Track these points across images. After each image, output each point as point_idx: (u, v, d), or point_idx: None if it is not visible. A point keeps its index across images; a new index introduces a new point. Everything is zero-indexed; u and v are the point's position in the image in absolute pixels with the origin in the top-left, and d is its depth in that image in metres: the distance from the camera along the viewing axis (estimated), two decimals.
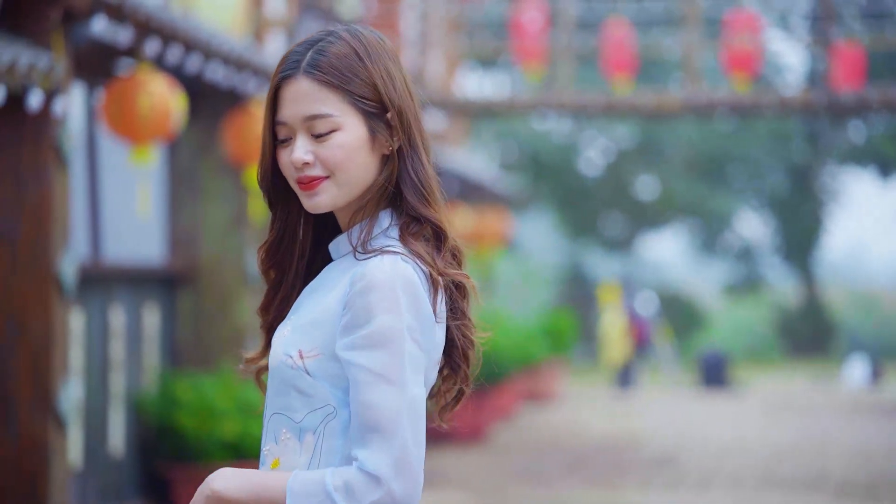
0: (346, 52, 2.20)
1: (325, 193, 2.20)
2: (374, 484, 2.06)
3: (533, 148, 28.51)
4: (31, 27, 6.26)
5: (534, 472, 11.37)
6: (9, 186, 6.28)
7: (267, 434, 2.21)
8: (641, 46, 12.99)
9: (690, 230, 30.29)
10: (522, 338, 15.35)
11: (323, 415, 2.16)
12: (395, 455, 2.07)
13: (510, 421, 14.98)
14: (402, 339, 2.11)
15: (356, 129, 2.19)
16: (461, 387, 2.30)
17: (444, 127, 15.94)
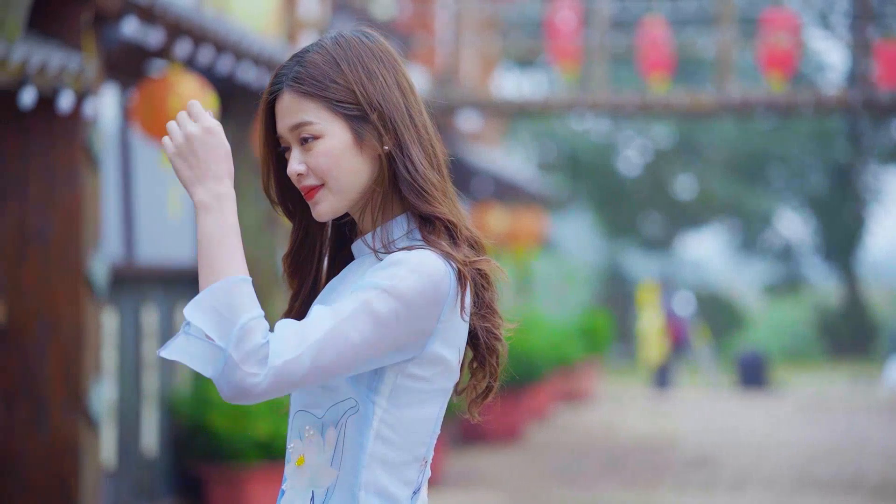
0: (324, 59, 2.23)
1: (324, 201, 2.23)
2: (259, 362, 2.02)
3: (571, 148, 28.45)
4: (61, 29, 6.30)
5: (569, 472, 11.34)
6: (40, 187, 6.32)
7: (292, 432, 2.23)
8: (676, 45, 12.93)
9: (730, 230, 30.15)
10: (558, 337, 15.32)
11: (345, 408, 2.17)
12: (290, 366, 2.04)
13: (545, 421, 14.95)
14: (390, 301, 2.11)
15: (340, 134, 2.21)
16: (489, 381, 2.31)
17: (478, 127, 15.93)
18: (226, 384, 2.04)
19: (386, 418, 2.18)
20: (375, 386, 2.18)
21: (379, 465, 2.19)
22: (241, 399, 2.04)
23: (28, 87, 5.83)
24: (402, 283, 2.12)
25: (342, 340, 2.09)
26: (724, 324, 28.19)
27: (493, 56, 16.94)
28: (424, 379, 2.20)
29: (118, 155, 8.08)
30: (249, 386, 2.02)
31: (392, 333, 2.13)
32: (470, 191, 15.67)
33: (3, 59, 5.65)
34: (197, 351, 2.06)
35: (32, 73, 5.84)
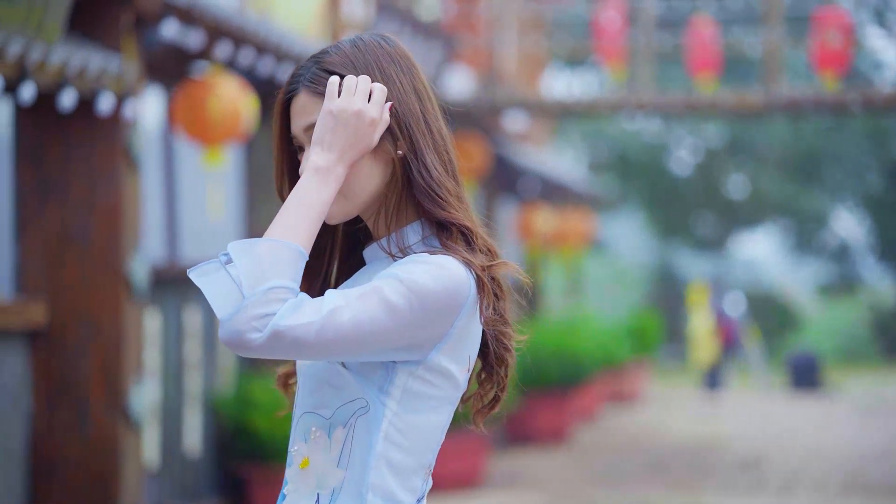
0: (342, 61, 2.21)
1: (335, 205, 2.20)
2: (266, 324, 2.03)
3: (622, 147, 28.34)
4: (101, 31, 6.34)
5: (614, 473, 11.29)
6: (81, 189, 6.36)
7: (296, 435, 2.21)
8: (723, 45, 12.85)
9: (783, 230, 29.92)
10: (606, 338, 15.27)
11: (354, 408, 2.16)
12: (313, 325, 2.04)
13: (593, 422, 14.90)
14: (406, 292, 2.09)
15: None
16: (497, 392, 2.29)
17: (525, 127, 15.89)
18: (229, 330, 2.03)
19: (395, 421, 2.17)
20: (386, 388, 2.16)
21: (386, 468, 2.17)
22: (236, 348, 2.04)
23: (68, 89, 5.87)
24: (421, 278, 2.10)
25: (352, 321, 2.06)
26: (777, 325, 27.97)
27: (541, 56, 16.89)
28: (435, 386, 2.18)
29: (161, 156, 8.12)
30: (248, 340, 2.02)
31: (403, 325, 2.10)
32: (517, 191, 15.64)
33: (42, 62, 5.68)
34: (221, 287, 2.05)
35: (72, 76, 5.87)
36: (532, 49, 15.05)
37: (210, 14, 6.70)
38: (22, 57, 5.55)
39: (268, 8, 8.90)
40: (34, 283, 6.40)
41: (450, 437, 9.72)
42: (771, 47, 11.31)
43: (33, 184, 6.40)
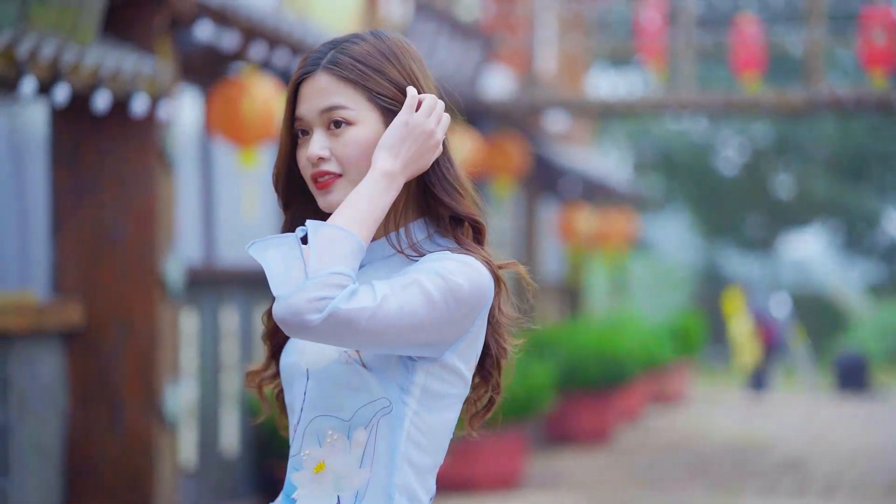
0: (368, 51, 2.21)
1: (339, 191, 2.18)
2: (325, 308, 2.02)
3: (667, 147, 28.22)
4: (136, 33, 6.37)
5: (655, 475, 11.23)
6: (115, 190, 6.40)
7: (305, 439, 2.18)
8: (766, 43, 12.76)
9: (832, 229, 29.68)
10: (648, 339, 15.20)
11: (376, 409, 2.15)
12: (367, 311, 2.04)
13: (635, 423, 14.83)
14: (444, 286, 2.09)
15: (373, 125, 2.18)
16: (492, 395, 2.29)
17: (566, 127, 15.85)
18: (288, 307, 2.02)
19: (416, 420, 2.16)
20: (407, 387, 2.16)
21: (409, 468, 2.17)
22: (291, 327, 2.02)
23: (102, 90, 5.90)
24: (456, 276, 2.10)
25: (398, 311, 2.06)
26: (826, 325, 27.75)
27: (583, 56, 16.85)
28: (449, 384, 2.19)
29: (197, 157, 8.15)
30: (306, 320, 2.01)
31: (437, 320, 2.10)
32: (558, 191, 15.60)
33: (76, 64, 5.72)
34: (282, 264, 2.05)
35: (106, 77, 5.91)
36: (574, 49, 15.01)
37: (244, 15, 6.72)
38: (55, 59, 5.59)
39: (306, 8, 8.92)
40: (70, 283, 6.45)
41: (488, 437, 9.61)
42: (813, 46, 11.22)
43: (69, 184, 6.45)
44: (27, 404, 6.07)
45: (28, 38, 5.48)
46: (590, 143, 19.50)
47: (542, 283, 15.14)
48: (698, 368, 21.31)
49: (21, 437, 6.01)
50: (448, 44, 9.88)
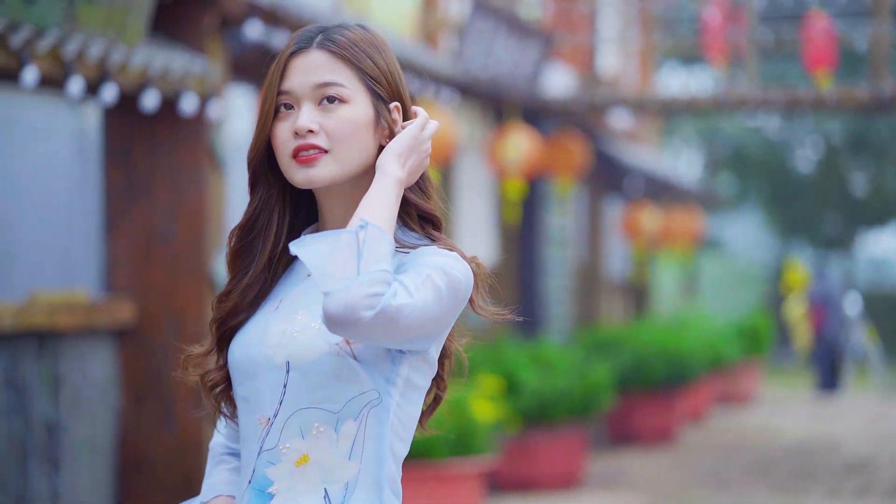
0: (361, 38, 2.23)
1: (325, 167, 2.18)
2: (375, 304, 2.03)
3: (740, 145, 27.95)
4: (186, 33, 6.41)
5: (718, 475, 11.13)
6: (166, 189, 6.44)
7: (286, 432, 2.16)
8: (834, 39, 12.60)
9: None
10: (715, 338, 15.07)
11: (365, 401, 2.14)
12: (408, 307, 2.05)
13: (700, 423, 14.71)
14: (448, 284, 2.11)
15: (364, 107, 2.20)
16: (437, 392, 2.30)
17: (629, 125, 15.75)
18: (342, 303, 2.01)
19: (398, 412, 2.17)
20: (392, 379, 2.16)
21: (392, 459, 2.18)
22: (344, 322, 2.02)
23: (150, 90, 5.94)
24: (454, 270, 2.13)
25: (423, 306, 2.08)
26: None
27: (650, 53, 16.74)
28: (424, 375, 2.21)
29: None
30: (360, 316, 2.01)
31: (442, 314, 2.12)
32: (622, 189, 15.51)
33: (124, 64, 5.76)
34: (330, 261, 2.05)
35: (155, 77, 5.95)
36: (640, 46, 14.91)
37: (294, 14, 6.73)
38: (103, 59, 5.64)
39: (364, 8, 8.94)
40: (122, 282, 6.50)
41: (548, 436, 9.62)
42: (878, 41, 11.06)
43: (121, 184, 6.50)
44: (79, 402, 6.13)
45: (75, 39, 5.52)
46: (656, 141, 19.37)
47: (607, 281, 15.06)
48: (767, 368, 21.09)
49: (73, 434, 6.07)
50: (506, 42, 9.85)
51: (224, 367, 2.29)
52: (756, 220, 30.82)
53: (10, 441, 5.64)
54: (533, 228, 11.74)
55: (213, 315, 2.30)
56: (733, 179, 27.90)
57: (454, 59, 9.40)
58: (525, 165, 10.11)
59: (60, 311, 5.93)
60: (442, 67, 8.91)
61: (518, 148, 10.03)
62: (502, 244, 11.49)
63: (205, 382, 2.32)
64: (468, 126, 10.41)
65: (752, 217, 30.80)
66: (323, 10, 7.58)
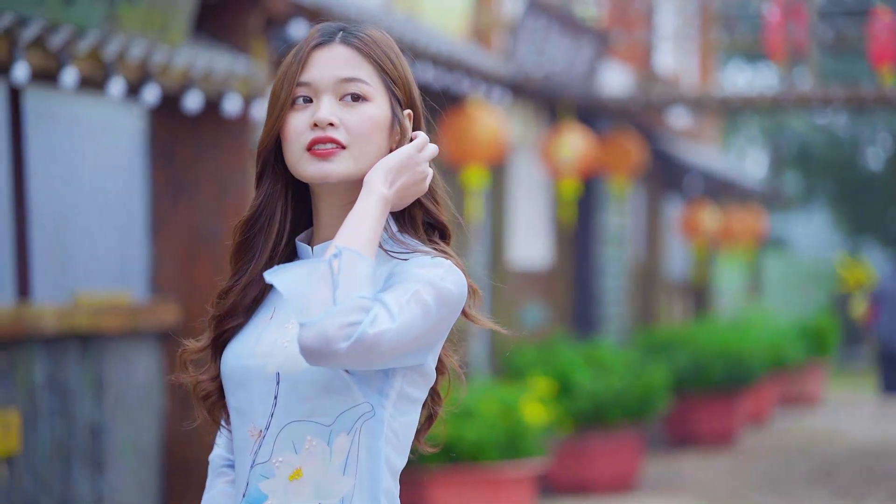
0: (384, 41, 2.21)
1: (341, 162, 2.13)
2: (351, 334, 1.97)
3: (807, 143, 27.62)
4: (230, 33, 6.38)
5: (778, 480, 10.96)
6: (211, 189, 6.41)
7: (278, 445, 2.11)
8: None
9: None
10: (778, 339, 14.87)
11: (358, 414, 2.10)
12: (390, 332, 1.99)
13: (761, 425, 14.52)
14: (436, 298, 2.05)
15: (383, 107, 2.17)
16: (432, 408, 2.26)
17: (689, 124, 15.58)
18: (317, 335, 1.96)
19: (392, 424, 2.12)
20: (386, 391, 2.11)
21: (388, 472, 2.13)
22: (320, 354, 1.97)
23: (193, 91, 5.91)
24: (445, 283, 2.07)
25: (408, 326, 2.03)
26: None
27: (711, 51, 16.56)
28: (418, 386, 2.16)
29: None
30: (336, 348, 1.96)
31: (433, 327, 2.07)
32: (682, 189, 15.35)
33: (166, 65, 5.74)
34: (306, 290, 1.99)
35: (197, 78, 5.92)
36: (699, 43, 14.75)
37: (340, 14, 6.68)
38: (144, 60, 5.61)
39: (415, 6, 8.87)
40: (167, 283, 6.48)
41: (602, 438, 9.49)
42: None
43: (166, 185, 6.48)
44: (123, 404, 6.11)
45: (116, 39, 5.50)
46: (718, 140, 19.17)
47: (666, 281, 14.91)
48: (833, 369, 20.80)
49: (117, 437, 6.05)
50: (559, 40, 9.74)
51: (217, 378, 2.23)
52: (823, 219, 30.45)
53: (54, 444, 5.63)
54: (589, 228, 11.63)
55: (213, 311, 2.25)
56: (799, 177, 27.57)
57: (506, 59, 9.31)
58: (580, 165, 10.01)
59: (104, 312, 5.92)
60: (493, 67, 8.82)
61: (572, 147, 9.92)
62: (557, 244, 11.39)
63: (197, 392, 2.26)
64: (521, 126, 10.32)
65: (820, 215, 30.43)
66: (371, 10, 7.52)
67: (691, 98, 11.81)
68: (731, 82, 24.52)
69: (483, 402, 7.94)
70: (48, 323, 5.56)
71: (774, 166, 27.31)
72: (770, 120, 26.67)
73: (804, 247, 31.28)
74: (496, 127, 8.41)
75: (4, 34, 4.93)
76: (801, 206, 27.98)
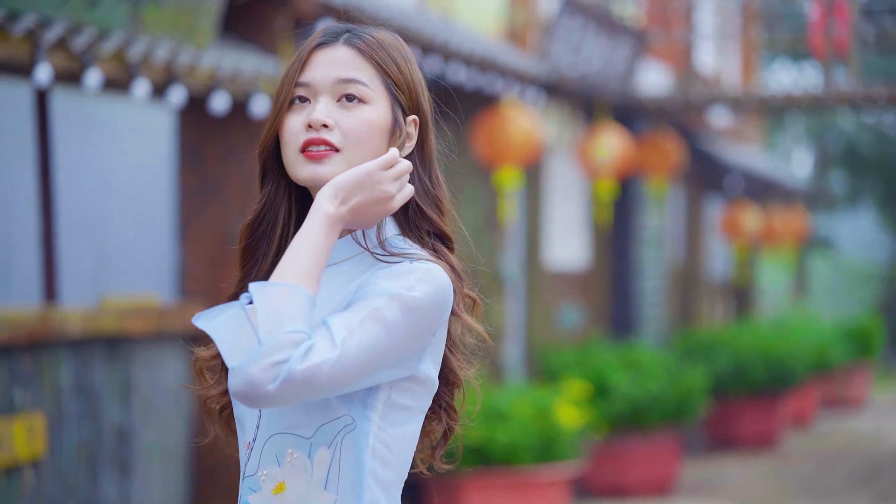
0: (391, 42, 2.15)
1: (334, 166, 2.07)
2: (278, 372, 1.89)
3: (854, 142, 27.34)
4: (258, 34, 6.34)
5: (820, 483, 10.83)
6: (239, 191, 6.37)
7: (263, 458, 2.06)
8: None
9: None
10: (821, 340, 14.70)
11: (339, 427, 2.04)
12: (328, 362, 1.92)
13: (804, 428, 14.36)
14: (400, 308, 1.98)
15: (383, 111, 2.10)
16: (449, 424, 2.19)
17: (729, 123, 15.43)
18: (244, 379, 1.89)
19: (380, 435, 2.05)
20: (370, 402, 2.05)
21: (375, 485, 2.06)
22: (251, 399, 1.91)
23: (220, 92, 5.87)
24: (413, 291, 2.00)
25: (358, 349, 1.95)
26: None
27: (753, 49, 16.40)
28: (414, 395, 2.08)
29: None
30: (264, 392, 1.89)
31: (398, 344, 2.00)
32: (723, 189, 15.20)
33: (192, 66, 5.70)
34: (232, 333, 1.94)
35: (224, 79, 5.88)
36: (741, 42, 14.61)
37: (369, 14, 6.62)
38: (170, 61, 5.58)
39: (450, 6, 8.81)
40: (195, 285, 6.44)
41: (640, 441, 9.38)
42: None
43: (194, 186, 6.45)
44: (151, 408, 6.08)
45: (141, 41, 5.47)
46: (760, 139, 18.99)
47: (707, 282, 14.77)
48: (878, 371, 20.57)
49: (145, 440, 6.02)
50: (596, 40, 9.65)
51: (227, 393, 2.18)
52: (870, 219, 30.14)
53: (80, 447, 5.60)
54: (626, 229, 11.53)
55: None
56: (846, 177, 27.29)
57: (541, 58, 9.23)
58: (616, 165, 9.91)
59: (131, 315, 5.89)
60: (527, 67, 8.75)
61: (609, 148, 9.83)
62: (595, 245, 11.30)
63: (208, 406, 2.23)
64: (557, 126, 10.23)
65: (867, 215, 30.12)
66: (403, 10, 7.46)
67: (730, 97, 11.68)
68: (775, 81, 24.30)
69: (516, 405, 7.87)
70: (74, 326, 5.53)
71: (820, 166, 27.05)
72: (815, 119, 26.42)
73: (851, 247, 30.98)
74: (530, 127, 8.33)
75: (26, 35, 4.90)
76: (847, 206, 27.70)
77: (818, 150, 28.06)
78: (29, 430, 5.31)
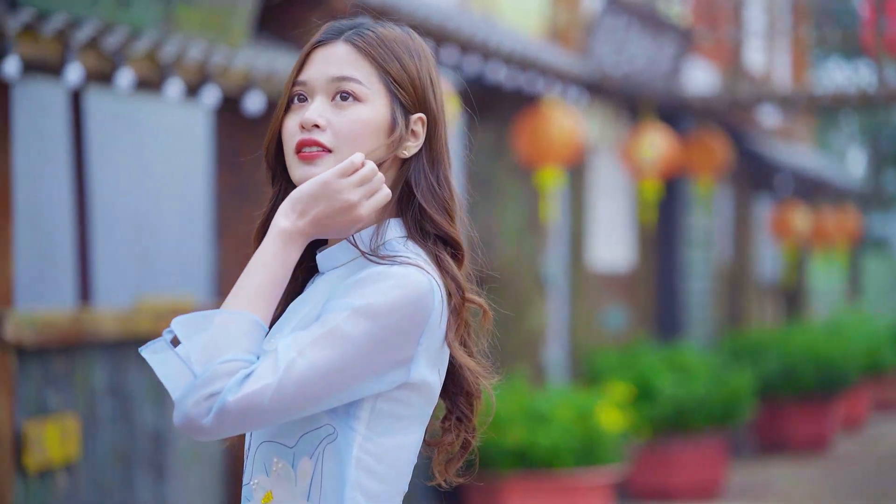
0: (396, 39, 2.07)
1: (325, 167, 2.00)
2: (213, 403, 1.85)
3: None
4: (294, 33, 6.29)
5: (871, 488, 10.66)
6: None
7: (255, 466, 2.02)
8: None
9: None
10: (875, 342, 14.51)
11: (321, 436, 1.97)
12: (270, 388, 1.86)
13: (857, 431, 14.16)
14: (362, 322, 1.90)
15: (380, 110, 2.03)
16: (467, 437, 2.09)
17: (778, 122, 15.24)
18: (181, 414, 1.87)
19: (367, 446, 1.97)
20: (354, 412, 1.97)
21: (362, 497, 1.97)
22: (190, 434, 1.88)
23: (253, 92, 5.83)
24: (378, 300, 1.92)
25: (310, 369, 1.88)
26: None
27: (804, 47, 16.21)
28: (405, 403, 1.99)
29: None
30: (200, 426, 1.86)
31: (367, 359, 1.91)
32: (772, 189, 15.03)
33: (226, 66, 5.66)
34: (172, 367, 1.89)
35: (258, 79, 5.83)
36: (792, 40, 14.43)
37: (404, 14, 6.56)
38: (203, 61, 5.54)
39: (492, 5, 8.74)
40: (231, 286, 6.39)
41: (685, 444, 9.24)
42: None
43: (231, 187, 6.41)
44: None
45: (173, 41, 5.43)
46: (811, 138, 18.77)
47: (756, 283, 14.60)
48: None
49: (179, 443, 5.99)
50: (640, 38, 9.54)
51: None
52: None
53: (115, 450, 5.57)
54: (672, 230, 11.40)
55: None
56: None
57: (584, 57, 9.14)
58: (662, 165, 9.79)
59: (166, 317, 5.84)
60: (569, 65, 8.66)
61: (654, 147, 9.71)
62: (640, 246, 11.18)
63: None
64: (600, 126, 10.13)
65: None
66: (442, 8, 7.39)
67: (778, 96, 11.52)
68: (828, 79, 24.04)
69: (558, 408, 7.78)
70: (109, 327, 5.50)
71: (874, 164, 26.75)
72: (870, 118, 26.12)
73: None
74: (572, 127, 8.24)
75: (57, 35, 4.87)
76: None
77: (872, 149, 27.75)
78: (62, 433, 5.28)
